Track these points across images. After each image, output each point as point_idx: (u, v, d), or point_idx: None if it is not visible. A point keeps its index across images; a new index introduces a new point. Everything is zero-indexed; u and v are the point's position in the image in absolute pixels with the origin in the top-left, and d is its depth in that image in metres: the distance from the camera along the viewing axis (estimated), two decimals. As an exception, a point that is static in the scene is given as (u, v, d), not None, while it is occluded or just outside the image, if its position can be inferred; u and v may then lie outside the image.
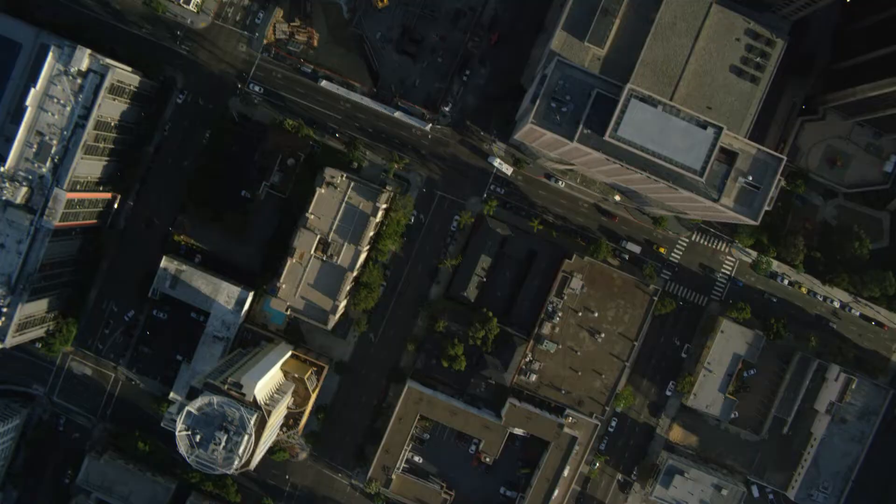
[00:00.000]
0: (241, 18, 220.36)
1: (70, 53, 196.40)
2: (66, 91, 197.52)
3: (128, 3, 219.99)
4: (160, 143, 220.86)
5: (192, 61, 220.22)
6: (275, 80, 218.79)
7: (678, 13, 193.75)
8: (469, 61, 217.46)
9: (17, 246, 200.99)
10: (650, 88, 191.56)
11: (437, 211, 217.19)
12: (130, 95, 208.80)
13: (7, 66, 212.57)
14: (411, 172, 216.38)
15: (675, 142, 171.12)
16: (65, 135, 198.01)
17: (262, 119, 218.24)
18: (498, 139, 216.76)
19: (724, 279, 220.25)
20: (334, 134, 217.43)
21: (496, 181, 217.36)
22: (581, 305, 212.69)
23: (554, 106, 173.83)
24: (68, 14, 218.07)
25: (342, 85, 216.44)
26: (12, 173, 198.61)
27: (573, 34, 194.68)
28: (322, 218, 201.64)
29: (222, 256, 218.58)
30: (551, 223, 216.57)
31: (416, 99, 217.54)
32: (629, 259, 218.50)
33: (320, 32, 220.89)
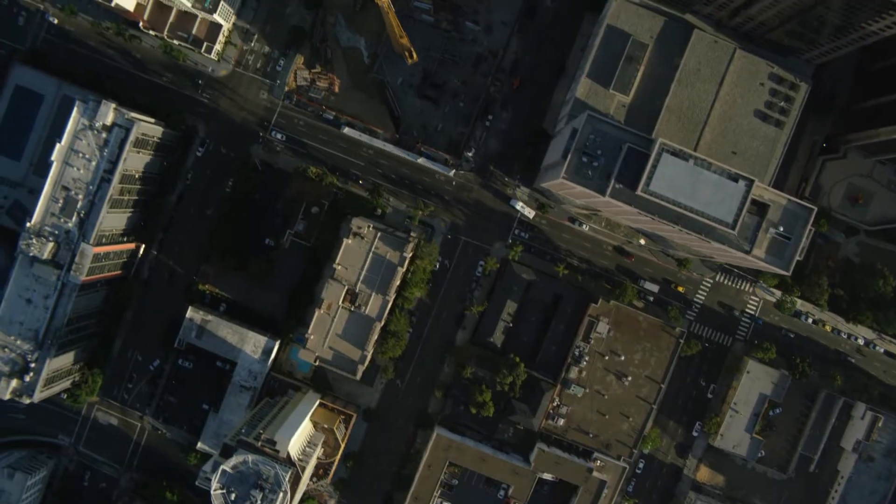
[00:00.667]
0: (262, 66, 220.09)
1: (95, 108, 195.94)
2: (91, 146, 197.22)
3: (148, 52, 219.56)
4: (183, 191, 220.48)
5: (213, 109, 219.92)
6: (297, 128, 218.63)
7: (702, 59, 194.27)
8: (491, 106, 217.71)
9: (45, 301, 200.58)
10: (676, 135, 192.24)
11: (462, 256, 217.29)
12: (154, 146, 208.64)
13: (29, 117, 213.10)
14: (435, 218, 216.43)
15: (707, 195, 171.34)
16: (90, 189, 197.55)
17: (285, 166, 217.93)
18: (521, 184, 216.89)
19: (749, 319, 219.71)
20: (357, 180, 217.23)
21: (520, 225, 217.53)
22: (607, 349, 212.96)
23: (585, 160, 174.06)
24: (88, 63, 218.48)
25: (365, 131, 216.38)
26: (38, 228, 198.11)
27: (598, 81, 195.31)
28: (349, 268, 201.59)
29: (247, 304, 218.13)
30: (576, 266, 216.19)
31: (439, 144, 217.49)
32: (653, 300, 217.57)
33: (341, 78, 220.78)
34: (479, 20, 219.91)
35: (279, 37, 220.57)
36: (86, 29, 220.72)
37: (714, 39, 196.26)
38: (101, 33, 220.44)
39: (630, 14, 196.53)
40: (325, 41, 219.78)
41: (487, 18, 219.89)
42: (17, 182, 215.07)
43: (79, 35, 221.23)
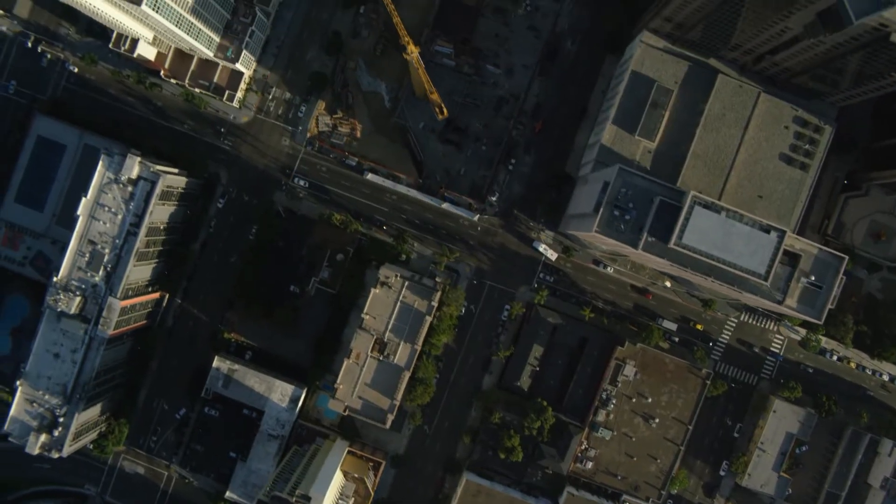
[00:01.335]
0: (284, 112, 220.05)
1: (120, 161, 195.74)
2: (117, 199, 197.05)
3: (169, 100, 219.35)
4: (206, 239, 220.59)
5: (235, 156, 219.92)
6: (319, 174, 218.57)
7: (727, 104, 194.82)
8: (514, 149, 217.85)
9: (72, 355, 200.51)
10: (702, 180, 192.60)
11: (488, 301, 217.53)
12: (178, 196, 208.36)
13: (52, 168, 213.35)
14: (460, 263, 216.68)
15: (739, 247, 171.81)
16: (117, 243, 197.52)
17: (308, 213, 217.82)
18: (546, 227, 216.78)
19: (774, 357, 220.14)
20: (381, 226, 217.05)
21: (545, 269, 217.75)
22: (635, 391, 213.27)
23: (617, 214, 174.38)
24: (109, 112, 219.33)
25: (388, 177, 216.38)
26: (65, 283, 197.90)
27: (623, 128, 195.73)
28: (378, 318, 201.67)
29: (272, 351, 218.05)
30: (601, 309, 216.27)
31: (462, 188, 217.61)
32: (679, 341, 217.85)
33: (363, 123, 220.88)
34: (500, 64, 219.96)
35: (300, 83, 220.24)
36: (106, 77, 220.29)
37: (738, 84, 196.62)
38: (122, 81, 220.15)
39: (654, 60, 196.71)
40: (346, 86, 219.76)
41: (508, 62, 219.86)
42: (40, 233, 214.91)
43: (99, 83, 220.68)
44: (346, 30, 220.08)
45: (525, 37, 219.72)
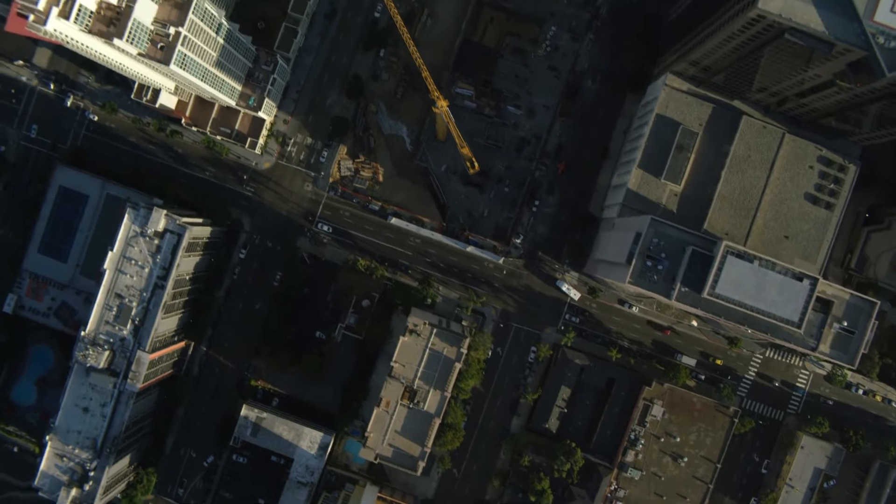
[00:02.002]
0: (305, 157, 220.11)
1: (146, 215, 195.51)
2: (143, 252, 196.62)
3: (190, 147, 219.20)
4: (230, 286, 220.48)
5: (258, 203, 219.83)
6: (343, 219, 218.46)
7: (752, 145, 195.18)
8: (537, 190, 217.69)
9: (102, 409, 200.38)
10: (728, 222, 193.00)
11: (514, 343, 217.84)
12: (202, 246, 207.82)
13: (74, 218, 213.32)
14: (486, 306, 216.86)
15: (772, 295, 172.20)
16: (144, 297, 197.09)
17: (333, 258, 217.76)
18: (571, 268, 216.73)
19: (800, 393, 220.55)
20: (406, 270, 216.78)
21: (570, 310, 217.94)
22: (663, 431, 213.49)
23: (650, 264, 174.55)
24: (130, 160, 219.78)
25: (412, 221, 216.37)
26: (93, 337, 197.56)
27: (649, 171, 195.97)
28: (407, 365, 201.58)
29: (300, 398, 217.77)
30: (627, 348, 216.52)
31: (486, 230, 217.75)
32: (705, 378, 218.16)
33: (385, 167, 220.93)
34: (520, 104, 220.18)
35: (321, 128, 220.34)
36: (127, 125, 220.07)
37: (763, 125, 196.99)
38: (143, 129, 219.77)
39: (679, 102, 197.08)
40: (367, 130, 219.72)
41: (529, 103, 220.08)
42: (64, 283, 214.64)
43: (120, 131, 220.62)
44: (366, 73, 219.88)
45: (545, 77, 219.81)
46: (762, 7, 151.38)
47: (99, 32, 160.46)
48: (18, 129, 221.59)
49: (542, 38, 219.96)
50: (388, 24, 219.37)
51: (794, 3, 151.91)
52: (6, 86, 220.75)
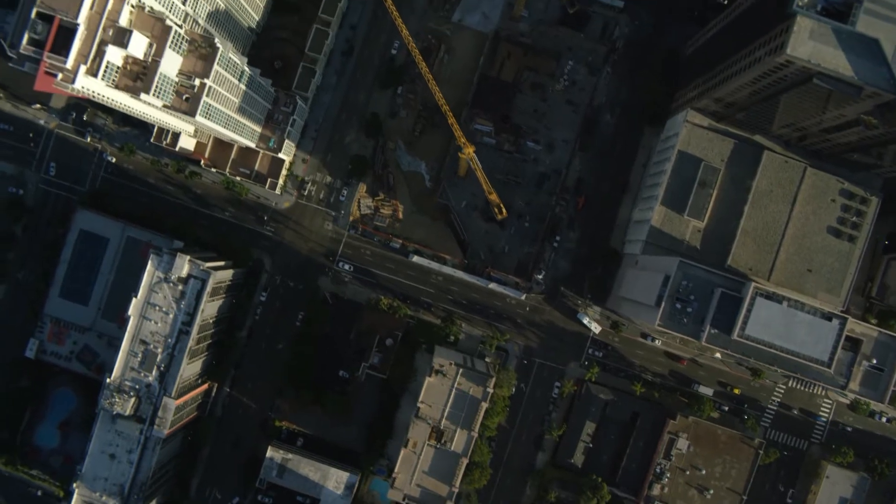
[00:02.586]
0: (325, 196, 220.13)
1: (170, 261, 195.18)
2: (167, 299, 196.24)
3: (209, 188, 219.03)
4: (252, 326, 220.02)
5: (278, 242, 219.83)
6: (364, 258, 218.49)
7: (774, 180, 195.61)
8: (557, 226, 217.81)
9: (128, 455, 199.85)
10: (752, 257, 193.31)
11: (537, 379, 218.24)
12: (225, 289, 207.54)
13: (95, 261, 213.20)
14: (509, 342, 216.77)
15: (802, 336, 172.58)
16: (169, 343, 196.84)
17: (355, 297, 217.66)
18: (593, 303, 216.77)
19: (823, 422, 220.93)
20: (429, 308, 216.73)
21: (593, 344, 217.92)
22: (688, 464, 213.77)
23: (679, 307, 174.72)
24: (149, 201, 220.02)
25: (433, 258, 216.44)
26: (119, 384, 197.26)
27: (672, 208, 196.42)
28: (433, 406, 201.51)
29: (324, 438, 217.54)
30: (650, 382, 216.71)
31: (507, 265, 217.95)
32: (728, 410, 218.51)
33: (405, 204, 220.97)
34: (539, 139, 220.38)
35: (340, 166, 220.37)
36: (145, 167, 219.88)
37: (785, 159, 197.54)
38: (161, 170, 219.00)
39: (700, 139, 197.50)
40: (386, 167, 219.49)
41: (548, 137, 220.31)
42: (86, 327, 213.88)
43: (138, 173, 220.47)
44: (384, 111, 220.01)
45: (563, 111, 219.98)
46: (791, 53, 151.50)
47: (126, 87, 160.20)
48: (37, 173, 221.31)
49: (559, 72, 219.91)
50: (405, 62, 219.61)
51: (823, 48, 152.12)
52: (24, 129, 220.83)
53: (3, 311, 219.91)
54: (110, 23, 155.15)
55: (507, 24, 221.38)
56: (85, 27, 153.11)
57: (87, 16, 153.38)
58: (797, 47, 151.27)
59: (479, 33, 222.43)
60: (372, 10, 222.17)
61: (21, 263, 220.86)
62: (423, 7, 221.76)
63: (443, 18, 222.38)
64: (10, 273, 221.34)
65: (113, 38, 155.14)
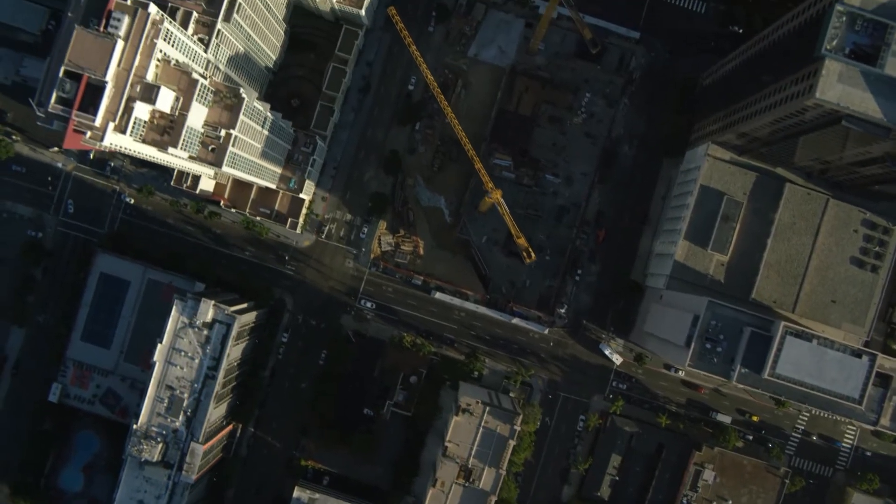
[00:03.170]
0: (346, 234, 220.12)
1: (194, 306, 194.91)
2: (192, 344, 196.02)
3: (229, 227, 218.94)
4: (275, 366, 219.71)
5: (299, 281, 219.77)
6: (386, 295, 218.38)
7: (796, 212, 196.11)
8: (578, 259, 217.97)
9: (156, 501, 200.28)
10: (776, 290, 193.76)
11: (562, 412, 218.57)
12: (249, 331, 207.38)
13: (116, 304, 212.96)
14: (533, 376, 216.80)
15: (832, 373, 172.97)
16: (195, 388, 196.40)
17: (378, 335, 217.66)
18: (616, 336, 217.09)
19: (848, 448, 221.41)
20: (452, 344, 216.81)
21: (617, 377, 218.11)
22: (714, 495, 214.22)
23: (709, 347, 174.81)
24: (169, 242, 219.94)
25: (455, 294, 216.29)
26: (146, 430, 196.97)
27: (695, 243, 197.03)
28: (461, 445, 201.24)
29: (350, 476, 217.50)
30: (675, 413, 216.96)
31: (529, 299, 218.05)
32: (753, 439, 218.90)
33: (425, 240, 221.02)
34: (558, 173, 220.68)
35: (360, 203, 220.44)
36: (164, 208, 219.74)
37: (807, 191, 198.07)
38: (180, 211, 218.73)
39: (722, 172, 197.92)
40: (406, 204, 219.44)
41: (567, 171, 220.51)
42: (109, 370, 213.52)
43: (157, 214, 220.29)
44: (403, 147, 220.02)
45: (582, 144, 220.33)
46: (820, 97, 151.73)
47: (153, 141, 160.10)
48: (56, 215, 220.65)
49: (577, 105, 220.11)
50: (422, 98, 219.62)
51: (852, 91, 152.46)
52: (42, 173, 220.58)
53: (24, 354, 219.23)
54: (138, 79, 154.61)
55: (524, 58, 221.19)
56: (113, 84, 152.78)
57: (115, 73, 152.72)
58: (826, 91, 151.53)
59: (495, 67, 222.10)
60: (388, 47, 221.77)
61: (41, 306, 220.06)
62: (438, 42, 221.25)
63: (459, 53, 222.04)
64: (31, 316, 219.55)
65: (141, 94, 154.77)
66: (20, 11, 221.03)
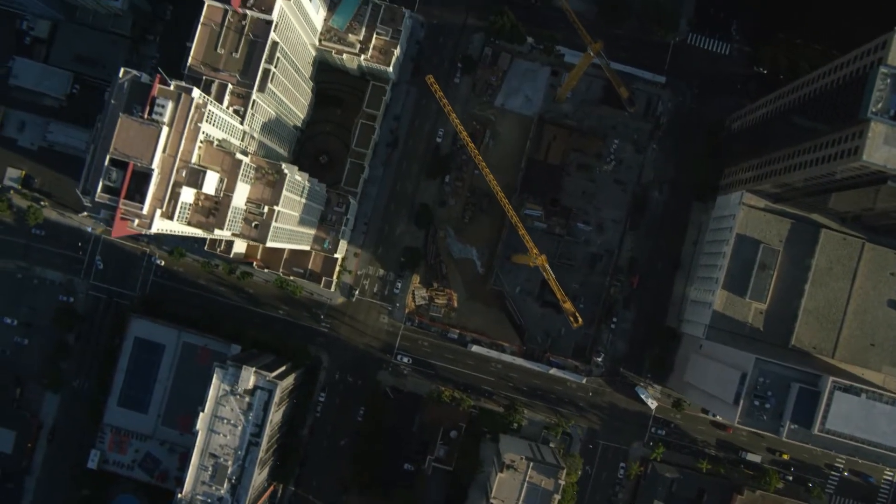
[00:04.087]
0: (379, 290, 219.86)
1: (235, 374, 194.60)
2: (234, 411, 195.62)
3: (262, 287, 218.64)
4: (314, 424, 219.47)
5: (335, 338, 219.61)
6: (422, 349, 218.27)
7: (833, 257, 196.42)
8: (613, 307, 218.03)
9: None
10: (815, 336, 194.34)
11: (602, 460, 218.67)
12: (288, 393, 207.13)
13: (152, 369, 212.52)
14: (573, 426, 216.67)
15: (882, 426, 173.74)
16: (239, 455, 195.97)
17: (415, 389, 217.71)
18: (653, 382, 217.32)
19: (888, 485, 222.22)
20: (490, 396, 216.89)
21: (656, 422, 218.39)
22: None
23: (757, 404, 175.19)
24: (202, 302, 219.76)
25: (491, 347, 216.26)
26: (190, 498, 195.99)
27: (733, 291, 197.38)
28: (506, 500, 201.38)
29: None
30: (714, 456, 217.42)
31: (565, 348, 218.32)
32: (793, 479, 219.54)
33: (458, 292, 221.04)
34: (589, 220, 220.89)
35: (392, 258, 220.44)
36: (195, 269, 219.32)
37: (842, 237, 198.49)
38: (212, 272, 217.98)
39: (757, 220, 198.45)
40: (438, 257, 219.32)
41: (598, 218, 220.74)
42: (147, 434, 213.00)
43: (188, 275, 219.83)
44: (433, 199, 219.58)
45: (612, 191, 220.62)
46: (867, 159, 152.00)
47: (199, 224, 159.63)
48: (86, 280, 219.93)
49: (606, 152, 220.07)
50: (451, 150, 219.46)
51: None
52: (72, 237, 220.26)
53: (60, 420, 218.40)
54: (183, 163, 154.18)
55: (551, 106, 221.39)
56: (159, 171, 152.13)
57: (161, 159, 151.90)
58: (873, 153, 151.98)
59: (522, 116, 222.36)
60: (415, 100, 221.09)
61: (76, 371, 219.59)
62: (465, 94, 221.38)
63: (486, 104, 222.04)
64: (66, 382, 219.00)
65: (187, 178, 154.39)
66: (45, 77, 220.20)
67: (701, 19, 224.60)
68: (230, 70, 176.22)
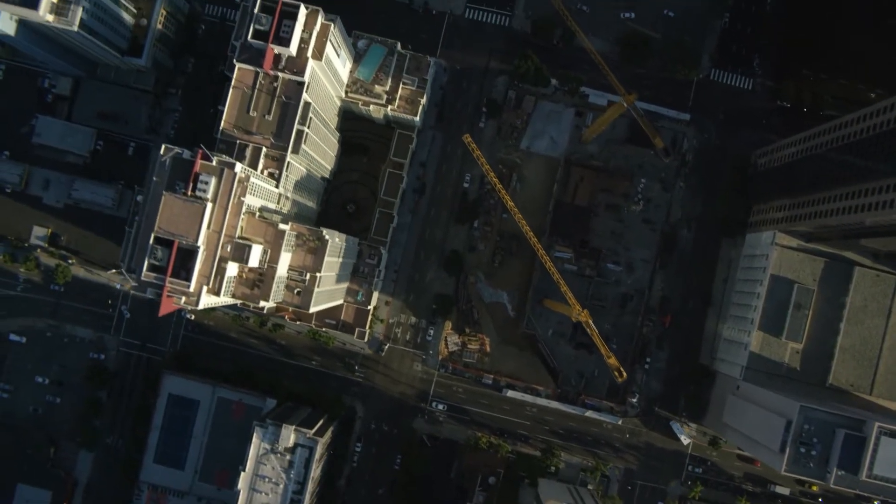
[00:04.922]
0: (412, 337, 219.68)
1: (275, 432, 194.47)
2: (276, 469, 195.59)
3: (294, 339, 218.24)
4: (350, 474, 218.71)
5: (369, 388, 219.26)
6: (457, 395, 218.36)
7: (867, 295, 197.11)
8: (646, 347, 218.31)
9: None
10: (852, 373, 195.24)
11: (640, 501, 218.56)
12: (326, 446, 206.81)
13: (187, 425, 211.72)
14: (610, 467, 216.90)
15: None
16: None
17: (451, 436, 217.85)
18: (688, 420, 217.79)
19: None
20: (526, 440, 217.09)
21: (693, 461, 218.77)
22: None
23: (803, 451, 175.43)
24: (235, 356, 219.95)
25: (526, 391, 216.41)
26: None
27: (769, 332, 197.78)
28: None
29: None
30: (751, 492, 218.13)
31: (599, 389, 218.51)
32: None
33: (490, 336, 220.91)
34: (619, 261, 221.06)
35: (424, 305, 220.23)
36: (226, 323, 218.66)
37: (876, 273, 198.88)
38: (243, 325, 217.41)
39: (791, 260, 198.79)
40: (469, 302, 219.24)
41: (628, 258, 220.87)
42: (184, 491, 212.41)
43: (219, 328, 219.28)
44: (462, 245, 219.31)
45: (641, 230, 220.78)
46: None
47: (243, 296, 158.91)
48: (116, 336, 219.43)
49: (633, 191, 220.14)
50: (478, 195, 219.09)
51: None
52: (101, 295, 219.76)
53: (94, 477, 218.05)
54: (228, 238, 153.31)
55: (577, 147, 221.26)
56: (204, 248, 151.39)
57: (206, 235, 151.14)
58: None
59: (548, 158, 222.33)
60: (440, 146, 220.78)
61: (109, 428, 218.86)
62: (490, 137, 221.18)
63: (511, 147, 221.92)
64: (100, 439, 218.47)
65: (232, 253, 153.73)
66: (68, 134, 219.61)
67: (723, 55, 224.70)
68: (263, 133, 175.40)
